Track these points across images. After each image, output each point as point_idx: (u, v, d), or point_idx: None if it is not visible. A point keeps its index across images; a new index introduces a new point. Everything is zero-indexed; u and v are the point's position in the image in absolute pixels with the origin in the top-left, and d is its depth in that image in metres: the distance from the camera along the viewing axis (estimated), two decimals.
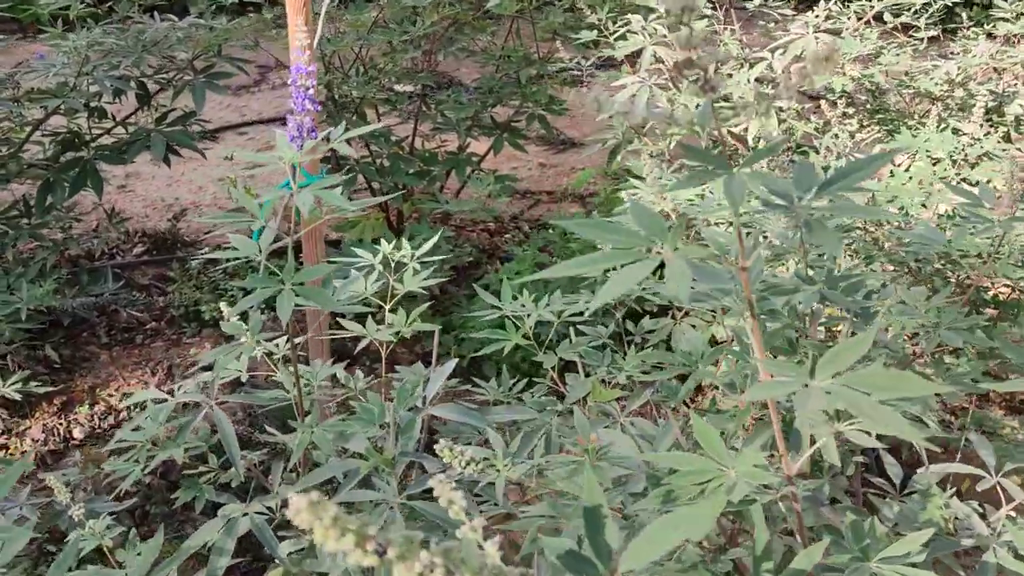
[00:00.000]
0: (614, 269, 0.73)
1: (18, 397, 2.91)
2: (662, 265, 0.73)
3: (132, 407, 3.11)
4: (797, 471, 0.92)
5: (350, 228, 3.80)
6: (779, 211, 0.81)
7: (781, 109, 2.80)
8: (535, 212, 4.66)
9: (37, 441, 2.95)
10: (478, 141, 3.79)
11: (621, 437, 1.24)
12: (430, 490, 0.75)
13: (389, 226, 3.88)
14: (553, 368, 1.40)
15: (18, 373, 2.90)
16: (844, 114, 2.93)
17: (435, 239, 1.78)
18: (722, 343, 2.90)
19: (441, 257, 1.72)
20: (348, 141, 1.31)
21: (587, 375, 1.47)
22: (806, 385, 0.77)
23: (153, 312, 3.63)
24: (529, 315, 1.40)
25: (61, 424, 3.02)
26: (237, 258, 1.32)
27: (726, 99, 2.98)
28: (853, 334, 1.28)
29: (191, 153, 3.14)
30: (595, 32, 3.37)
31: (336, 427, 1.29)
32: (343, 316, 1.76)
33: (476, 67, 6.86)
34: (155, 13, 2.89)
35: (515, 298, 1.44)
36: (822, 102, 3.07)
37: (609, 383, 1.36)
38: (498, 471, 1.11)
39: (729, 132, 3.00)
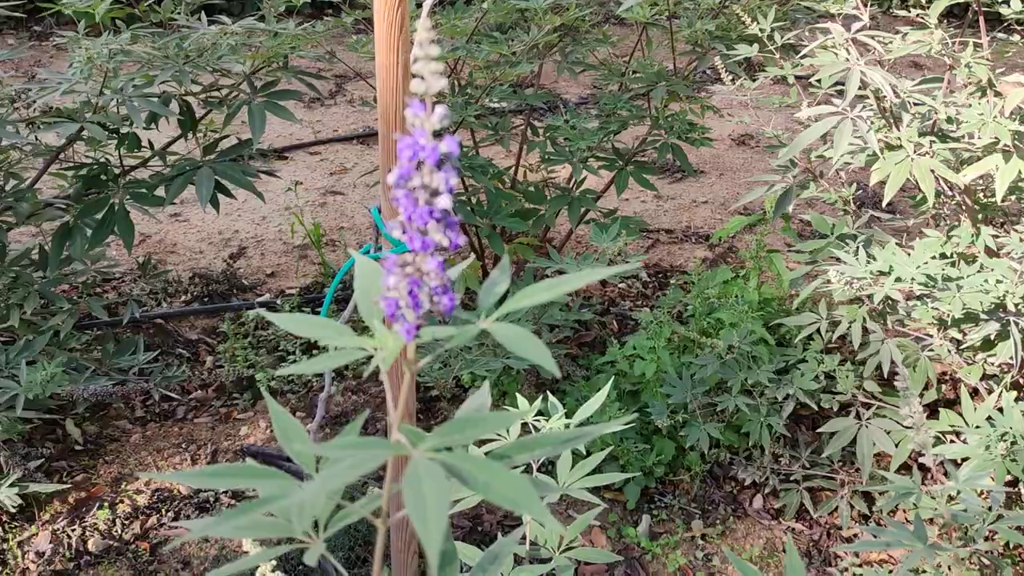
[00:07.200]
0: None
1: (11, 506, 2.29)
2: None
3: (161, 511, 2.47)
4: None
5: None
6: None
7: None
8: (654, 255, 3.92)
9: (42, 556, 2.31)
10: (598, 176, 3.07)
11: None
12: None
13: (485, 277, 3.18)
14: None
15: (13, 473, 2.27)
16: None
17: (604, 392, 1.07)
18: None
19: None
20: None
21: None
22: None
23: (200, 375, 2.99)
24: None
25: (74, 530, 2.39)
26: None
27: (957, 139, 2.20)
28: None
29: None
30: (755, 46, 2.64)
31: None
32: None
33: (579, 83, 6.13)
34: (203, 15, 2.23)
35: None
36: None
37: None
38: None
39: (945, 180, 2.23)
